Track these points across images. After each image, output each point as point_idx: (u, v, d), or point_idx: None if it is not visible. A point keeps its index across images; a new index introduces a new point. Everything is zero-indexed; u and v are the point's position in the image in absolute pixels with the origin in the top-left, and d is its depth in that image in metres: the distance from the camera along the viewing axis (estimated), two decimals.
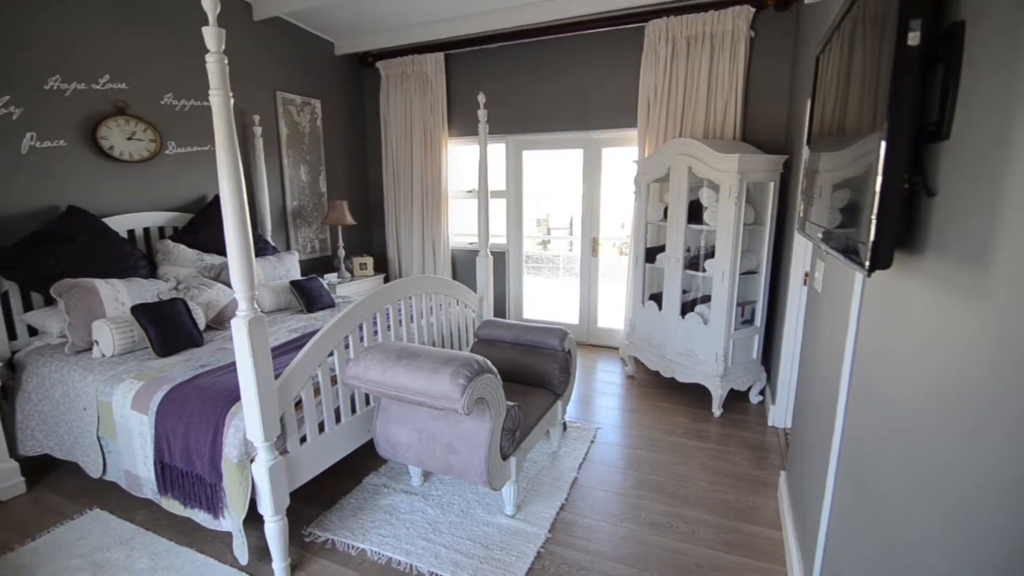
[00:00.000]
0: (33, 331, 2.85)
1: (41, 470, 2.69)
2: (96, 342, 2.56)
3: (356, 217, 5.00)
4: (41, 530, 2.27)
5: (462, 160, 5.15)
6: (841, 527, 1.41)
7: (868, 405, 1.28)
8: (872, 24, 1.09)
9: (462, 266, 5.15)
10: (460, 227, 5.22)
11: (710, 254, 3.35)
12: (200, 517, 2.08)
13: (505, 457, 2.16)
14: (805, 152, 1.91)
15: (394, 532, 2.23)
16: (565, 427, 3.13)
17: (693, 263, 3.48)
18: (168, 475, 2.12)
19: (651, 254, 3.76)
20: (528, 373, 2.73)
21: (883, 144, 0.92)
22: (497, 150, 4.77)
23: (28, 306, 2.85)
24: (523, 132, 4.65)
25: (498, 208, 4.87)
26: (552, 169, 5.62)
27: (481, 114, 3.16)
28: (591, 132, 4.41)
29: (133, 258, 3.08)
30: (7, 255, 2.67)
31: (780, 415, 3.15)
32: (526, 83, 4.53)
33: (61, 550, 2.14)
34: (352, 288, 4.56)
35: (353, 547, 2.16)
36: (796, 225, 2.02)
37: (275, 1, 3.89)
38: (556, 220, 7.36)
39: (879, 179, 0.93)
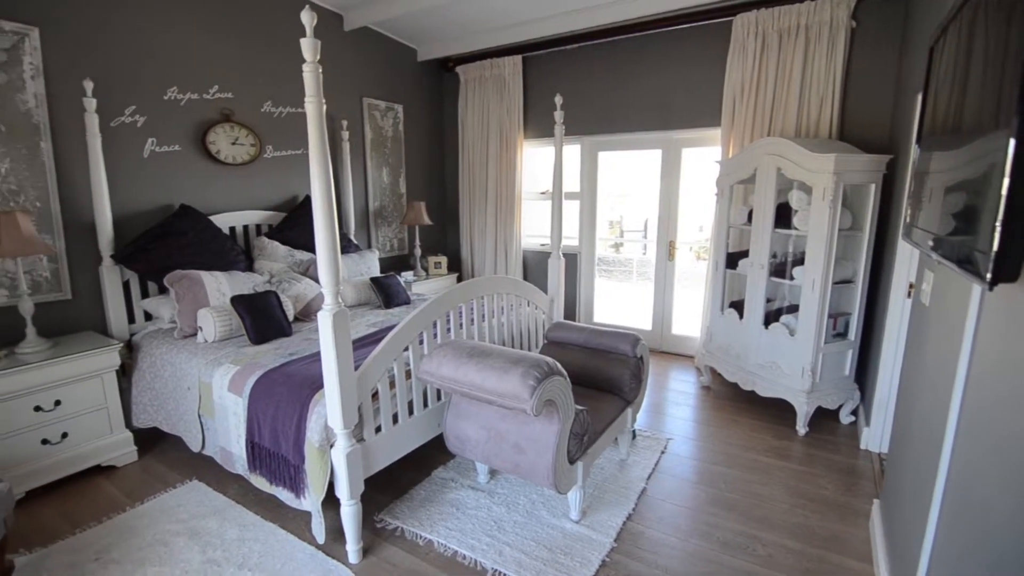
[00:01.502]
0: (148, 316, 3.18)
1: (150, 441, 2.99)
2: (200, 328, 2.82)
3: (432, 217, 5.15)
4: (148, 495, 2.53)
5: (536, 162, 5.18)
6: (945, 570, 1.27)
7: (983, 436, 1.14)
8: (998, 11, 0.97)
9: (533, 267, 5.17)
10: (532, 228, 5.24)
11: (799, 261, 3.14)
12: (284, 495, 2.22)
13: (572, 461, 2.13)
14: (914, 151, 1.74)
15: (460, 526, 2.28)
16: (634, 435, 3.05)
17: (779, 270, 3.27)
18: (257, 454, 2.29)
19: (733, 259, 3.58)
20: (598, 378, 2.68)
21: (1011, 142, 0.82)
22: (572, 151, 4.74)
23: (144, 294, 3.18)
24: (599, 133, 4.59)
25: (571, 210, 4.84)
26: (628, 170, 5.50)
27: (557, 115, 3.15)
28: (671, 132, 4.27)
29: (234, 253, 3.35)
30: (129, 248, 3.00)
31: (875, 438, 2.89)
32: (603, 83, 4.47)
33: (164, 515, 2.37)
34: (427, 286, 4.71)
35: (421, 537, 2.22)
36: (901, 231, 1.85)
37: (365, 11, 4.10)
38: (630, 222, 7.20)
39: (1005, 180, 0.82)
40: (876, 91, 3.41)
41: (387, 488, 2.55)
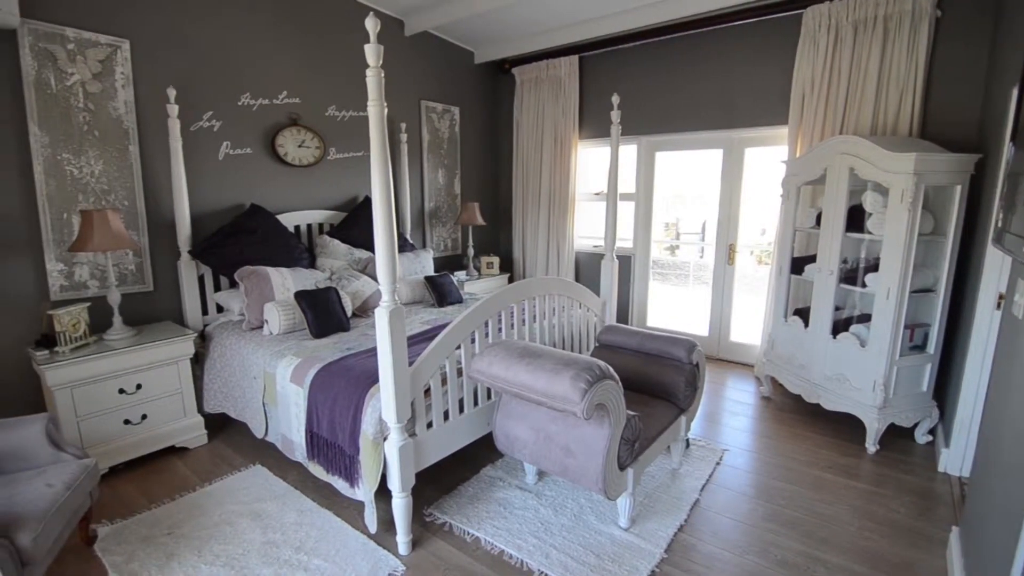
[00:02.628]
0: (220, 308, 3.38)
1: (219, 426, 3.18)
2: (266, 321, 2.97)
3: (486, 218, 5.20)
4: (215, 476, 2.69)
5: (591, 162, 5.12)
6: None
7: None
8: None
9: (586, 269, 5.12)
10: (586, 229, 5.19)
11: (872, 267, 2.94)
12: (339, 484, 2.30)
13: (622, 467, 2.09)
14: (1008, 150, 1.59)
15: (507, 525, 2.28)
16: (688, 444, 2.96)
17: (850, 276, 3.08)
18: (315, 443, 2.38)
19: (798, 264, 3.41)
20: (651, 384, 2.62)
21: None
22: (628, 151, 4.66)
23: (217, 287, 3.39)
24: (657, 133, 4.49)
25: (626, 211, 4.76)
26: (686, 171, 5.34)
27: (614, 115, 3.11)
28: (733, 131, 4.12)
29: (298, 250, 3.51)
30: (204, 244, 3.20)
31: (955, 461, 2.67)
32: (662, 82, 4.37)
33: (229, 496, 2.51)
34: (479, 286, 4.75)
35: (468, 533, 2.24)
36: (991, 237, 1.69)
37: (425, 17, 4.20)
38: (687, 224, 6.98)
39: None
40: (963, 85, 3.15)
41: (437, 483, 2.59)
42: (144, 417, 2.75)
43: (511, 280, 5.33)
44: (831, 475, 2.70)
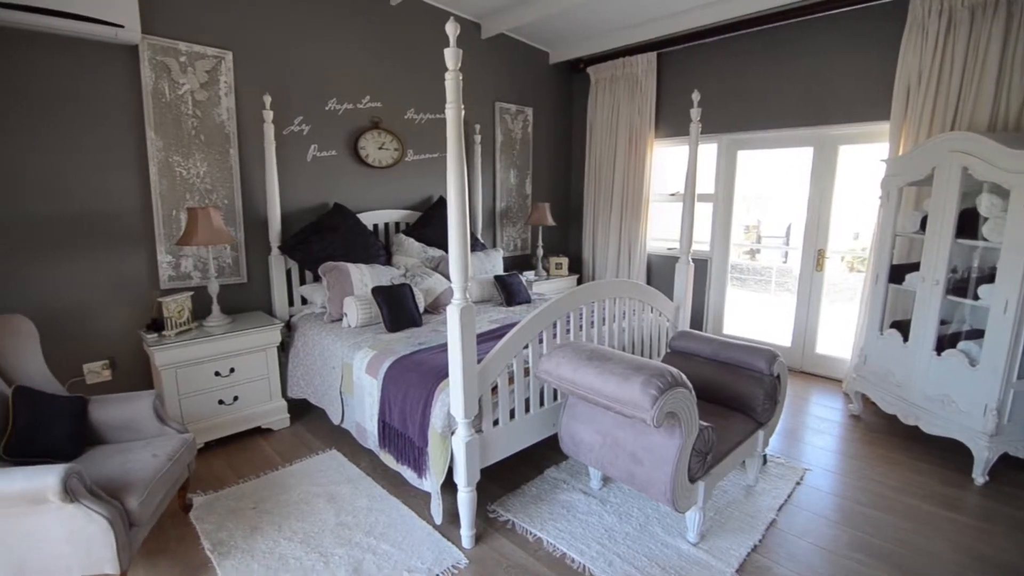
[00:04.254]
0: (304, 301, 3.60)
1: (301, 410, 3.38)
2: (345, 314, 3.12)
3: (556, 218, 5.18)
4: (296, 458, 2.86)
5: (666, 162, 4.97)
6: None
7: None
8: None
9: (658, 272, 4.97)
10: (659, 231, 5.04)
11: (987, 278, 2.64)
12: (407, 474, 2.38)
13: (693, 480, 2.01)
14: None
15: (570, 528, 2.26)
16: (765, 460, 2.80)
17: (960, 287, 2.78)
18: (387, 433, 2.48)
19: (898, 272, 3.12)
20: (726, 394, 2.50)
21: None
22: (708, 150, 4.47)
23: (302, 281, 3.61)
24: (739, 130, 4.28)
25: (704, 213, 4.57)
26: (770, 170, 5.05)
27: (694, 113, 2.99)
28: (825, 128, 3.84)
29: (376, 248, 3.67)
30: (292, 240, 3.42)
31: None
32: (746, 77, 4.16)
33: (307, 477, 2.66)
34: (547, 286, 4.75)
35: (531, 533, 2.24)
36: None
37: (501, 19, 4.25)
38: (769, 227, 6.61)
39: None
40: None
41: (501, 481, 2.61)
42: (236, 399, 2.99)
43: (580, 281, 5.28)
44: (929, 505, 2.45)
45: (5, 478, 1.62)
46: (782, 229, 6.38)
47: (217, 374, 2.90)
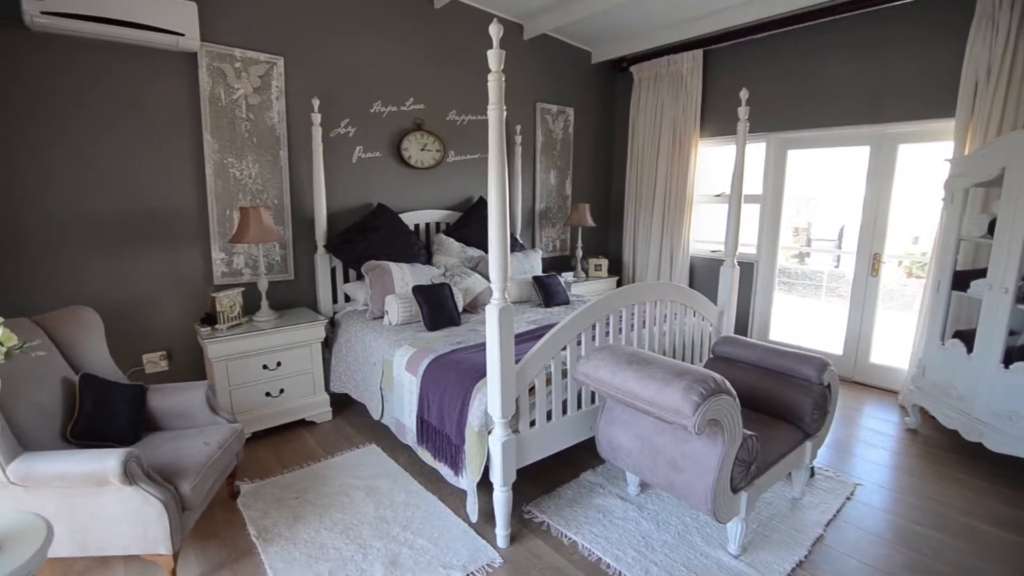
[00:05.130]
0: (347, 298, 3.69)
1: (342, 405, 3.47)
2: (386, 312, 3.19)
3: (596, 219, 5.13)
4: (337, 451, 2.94)
5: (712, 162, 4.84)
6: None
7: None
8: None
9: (701, 275, 4.85)
10: (703, 233, 4.92)
11: None
12: (444, 471, 2.40)
13: (735, 490, 1.95)
14: None
15: (606, 533, 2.23)
16: (813, 473, 2.68)
17: None
18: (424, 429, 2.51)
19: (962, 279, 2.94)
20: (772, 403, 2.41)
21: None
22: (756, 150, 4.33)
23: (346, 279, 3.70)
24: (789, 129, 4.12)
25: (750, 214, 4.42)
26: (822, 171, 4.85)
27: (742, 111, 2.91)
28: (883, 125, 3.66)
29: (417, 247, 3.73)
30: (336, 239, 3.52)
31: None
32: (797, 74, 4.00)
33: (348, 470, 2.73)
34: (586, 288, 4.71)
35: (566, 536, 2.23)
36: None
37: (544, 19, 4.24)
38: (820, 230, 6.34)
39: None
40: None
41: (537, 482, 2.60)
42: (281, 391, 3.09)
43: (620, 283, 5.21)
44: (992, 528, 2.29)
45: (72, 460, 1.73)
46: (834, 232, 6.11)
47: (265, 367, 3.01)
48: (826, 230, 6.27)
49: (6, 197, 2.56)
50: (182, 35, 2.76)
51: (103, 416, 2.11)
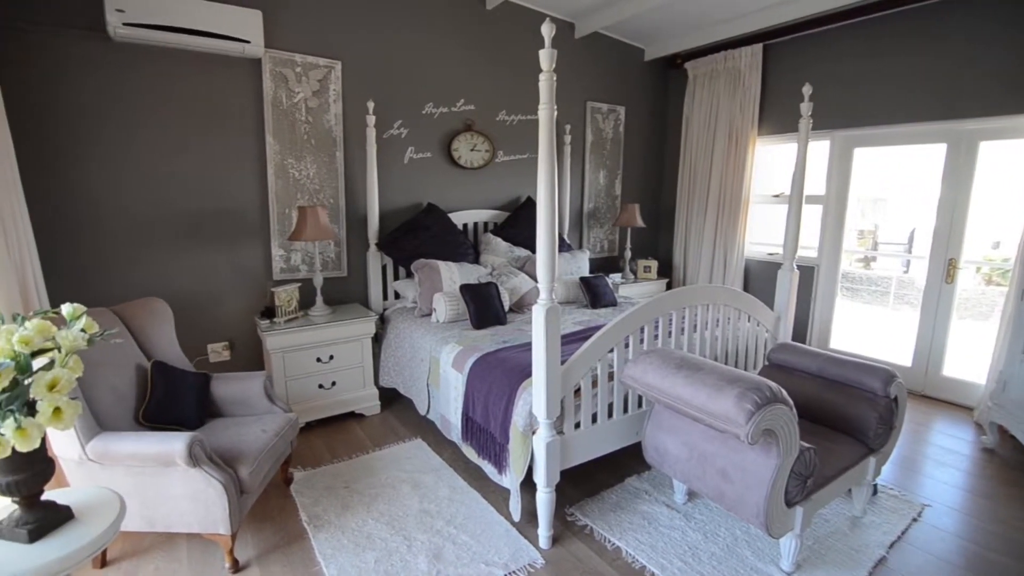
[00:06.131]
0: (397, 295, 3.78)
1: (390, 399, 3.55)
2: (434, 310, 3.24)
3: (645, 220, 5.02)
4: (384, 443, 3.01)
5: (770, 161, 4.65)
6: None
7: None
8: None
9: (756, 279, 4.67)
10: (759, 235, 4.73)
11: None
12: (488, 468, 2.42)
13: (790, 504, 1.86)
14: None
15: (651, 541, 2.18)
16: (876, 491, 2.53)
17: None
18: (469, 426, 2.54)
19: None
20: (833, 415, 2.29)
21: None
22: (818, 148, 4.12)
23: (396, 276, 3.79)
24: (856, 126, 3.90)
25: (812, 216, 4.22)
26: (892, 170, 4.56)
27: (804, 108, 2.78)
28: (961, 122, 3.40)
29: (465, 246, 3.77)
30: (387, 238, 3.60)
31: None
32: (865, 68, 3.78)
33: (394, 463, 2.79)
34: (634, 290, 4.62)
35: (609, 541, 2.19)
36: None
37: (596, 17, 4.19)
38: (888, 233, 5.96)
39: None
40: None
41: (580, 485, 2.57)
42: (333, 384, 3.20)
43: (669, 286, 5.09)
44: None
45: (143, 440, 1.85)
46: (904, 235, 5.73)
47: (318, 360, 3.12)
48: (895, 233, 5.89)
49: (88, 197, 2.77)
50: (248, 42, 2.90)
51: (171, 401, 2.25)
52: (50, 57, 2.60)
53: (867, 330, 4.85)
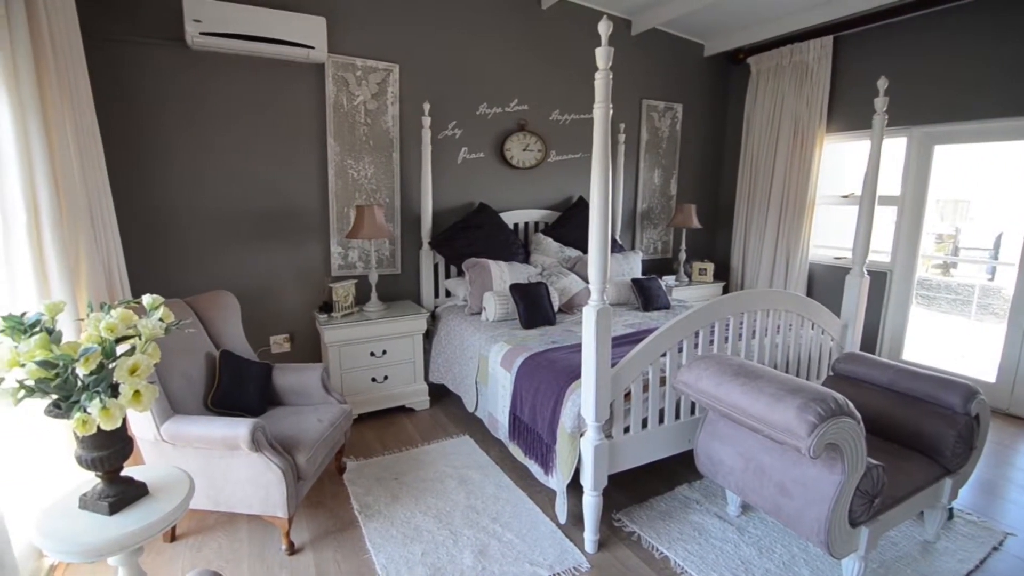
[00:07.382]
0: (448, 293, 3.84)
1: (439, 395, 3.61)
2: (484, 308, 3.27)
3: (702, 221, 4.87)
4: (433, 439, 3.06)
5: (839, 159, 4.40)
6: None
7: None
8: None
9: (821, 284, 4.43)
10: (825, 238, 4.48)
11: None
12: (534, 468, 2.41)
13: (854, 524, 1.75)
14: None
15: (701, 553, 2.11)
16: (951, 515, 2.34)
17: None
18: (517, 426, 2.54)
19: None
20: (904, 431, 2.13)
21: None
22: (894, 146, 3.86)
23: (447, 275, 3.85)
24: (936, 122, 3.63)
25: (885, 218, 3.95)
26: (976, 169, 4.21)
27: (879, 103, 2.61)
28: None
29: (515, 246, 3.78)
30: (440, 237, 3.67)
31: None
32: (945, 60, 3.51)
33: (442, 458, 2.83)
34: (688, 293, 4.49)
35: (657, 550, 2.14)
36: None
37: (653, 13, 4.09)
38: (971, 238, 5.50)
39: None
40: None
41: (628, 490, 2.53)
42: (386, 378, 3.29)
43: (726, 290, 4.91)
44: None
45: (211, 425, 1.97)
46: (989, 240, 5.28)
47: (372, 354, 3.22)
48: (979, 238, 5.43)
49: (165, 196, 2.97)
50: (312, 48, 3.03)
51: (237, 389, 2.37)
52: (135, 66, 2.80)
53: (945, 342, 4.50)
